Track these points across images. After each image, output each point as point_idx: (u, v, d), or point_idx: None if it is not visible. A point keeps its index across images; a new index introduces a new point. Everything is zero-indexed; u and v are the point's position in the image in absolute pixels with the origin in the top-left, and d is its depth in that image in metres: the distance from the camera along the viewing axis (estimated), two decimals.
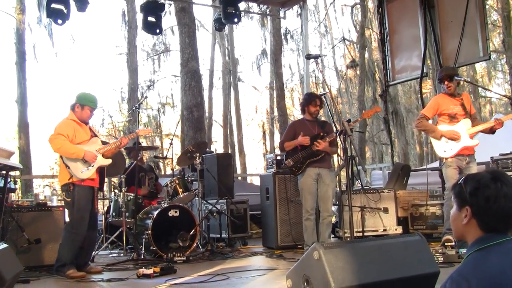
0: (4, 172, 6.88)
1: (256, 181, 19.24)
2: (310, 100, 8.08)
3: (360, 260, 3.39)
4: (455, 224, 2.32)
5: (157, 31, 11.69)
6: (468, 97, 7.92)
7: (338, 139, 6.43)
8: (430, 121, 7.84)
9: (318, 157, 7.79)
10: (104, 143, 7.11)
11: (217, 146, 34.37)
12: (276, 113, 26.69)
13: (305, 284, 3.45)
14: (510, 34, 21.95)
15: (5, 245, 4.75)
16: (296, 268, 3.61)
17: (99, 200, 7.90)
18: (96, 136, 7.16)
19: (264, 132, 38.31)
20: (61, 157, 6.69)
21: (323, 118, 9.21)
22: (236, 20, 11.84)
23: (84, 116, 6.92)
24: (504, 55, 26.01)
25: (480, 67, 32.60)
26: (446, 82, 7.62)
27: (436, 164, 12.05)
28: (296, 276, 3.56)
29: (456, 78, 7.61)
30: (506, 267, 2.04)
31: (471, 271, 2.08)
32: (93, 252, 7.75)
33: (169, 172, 20.14)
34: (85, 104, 6.88)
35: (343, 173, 12.03)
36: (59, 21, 9.72)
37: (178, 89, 28.08)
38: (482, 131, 7.58)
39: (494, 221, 2.17)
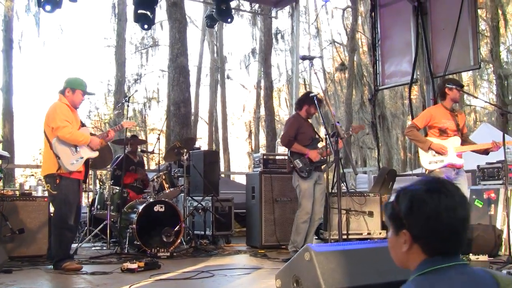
0: None
1: (239, 179, 19.25)
2: (315, 102, 7.34)
3: (351, 263, 3.38)
4: (395, 252, 1.92)
5: (148, 25, 11.60)
6: (463, 117, 7.83)
7: (328, 141, 6.31)
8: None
9: (324, 163, 7.73)
10: (91, 134, 6.85)
11: (202, 143, 34.31)
12: (262, 113, 26.67)
13: (295, 284, 3.45)
14: (498, 44, 22.08)
15: None
16: (286, 268, 3.60)
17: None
18: (84, 125, 6.97)
19: (250, 131, 38.25)
20: (50, 146, 6.39)
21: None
22: (229, 18, 11.79)
23: (75, 101, 6.69)
24: (491, 65, 26.18)
25: (466, 75, 32.73)
26: (456, 91, 7.46)
27: (420, 170, 12.08)
28: (286, 277, 3.55)
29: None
30: None
31: None
32: (76, 245, 7.68)
33: (153, 167, 20.07)
34: (76, 88, 6.65)
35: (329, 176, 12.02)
36: (48, 8, 9.55)
37: (165, 84, 28.11)
38: (475, 151, 7.51)
39: (440, 242, 1.78)
